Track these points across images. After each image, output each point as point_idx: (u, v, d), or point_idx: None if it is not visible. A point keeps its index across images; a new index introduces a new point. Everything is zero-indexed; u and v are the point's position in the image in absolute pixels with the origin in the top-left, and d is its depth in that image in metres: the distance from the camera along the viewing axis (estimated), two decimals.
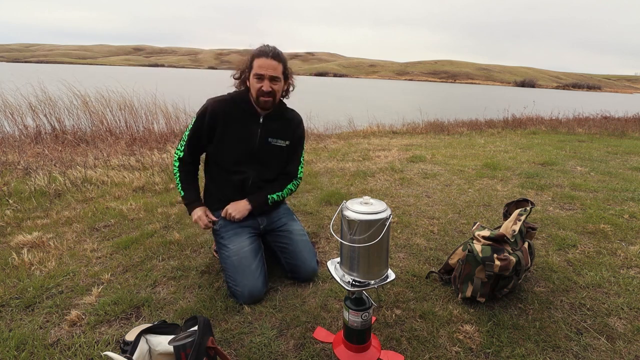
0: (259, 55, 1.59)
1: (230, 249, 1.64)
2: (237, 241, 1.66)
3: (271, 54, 1.58)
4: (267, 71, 1.58)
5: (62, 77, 6.19)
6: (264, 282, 1.63)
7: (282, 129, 1.77)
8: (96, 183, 3.21)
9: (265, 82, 1.59)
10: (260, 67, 1.58)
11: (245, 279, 1.57)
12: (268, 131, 1.72)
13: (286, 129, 1.78)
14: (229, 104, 1.69)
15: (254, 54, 1.60)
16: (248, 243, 1.67)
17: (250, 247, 1.67)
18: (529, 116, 9.33)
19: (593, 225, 2.43)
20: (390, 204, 2.82)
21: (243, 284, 1.56)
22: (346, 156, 4.55)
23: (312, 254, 1.79)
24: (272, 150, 1.75)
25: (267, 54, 1.58)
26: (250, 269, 1.60)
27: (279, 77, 1.63)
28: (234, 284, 1.58)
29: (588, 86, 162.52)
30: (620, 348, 1.35)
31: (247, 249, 1.65)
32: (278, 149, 1.76)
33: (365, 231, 1.10)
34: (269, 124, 1.73)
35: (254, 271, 1.60)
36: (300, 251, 1.75)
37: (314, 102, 13.09)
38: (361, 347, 1.26)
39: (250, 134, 1.70)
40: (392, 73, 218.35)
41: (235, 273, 1.59)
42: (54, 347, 1.32)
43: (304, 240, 1.81)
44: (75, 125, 5.59)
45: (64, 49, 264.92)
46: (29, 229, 2.27)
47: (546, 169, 4.00)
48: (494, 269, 1.50)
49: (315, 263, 1.79)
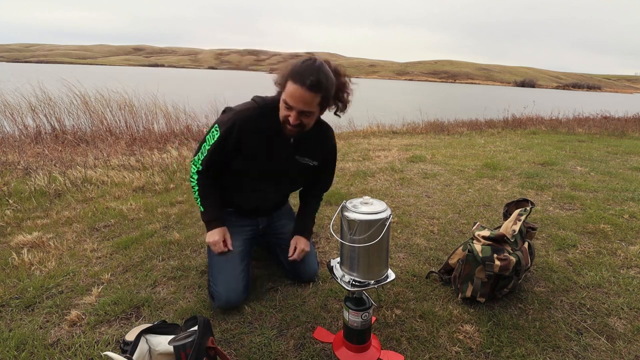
0: (294, 78, 1.30)
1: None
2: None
3: (309, 82, 1.27)
4: (297, 104, 1.32)
5: (62, 77, 6.19)
6: (245, 288, 1.56)
7: (313, 147, 1.60)
8: (96, 183, 3.21)
9: (294, 113, 1.35)
10: (291, 96, 1.32)
11: (226, 280, 1.52)
12: (297, 150, 1.56)
13: (317, 147, 1.61)
14: (258, 120, 1.48)
15: (291, 73, 1.32)
16: (238, 245, 1.62)
17: (239, 249, 1.61)
18: (529, 116, 9.33)
19: (593, 225, 2.43)
20: (390, 204, 2.82)
21: (223, 284, 1.51)
22: (346, 156, 4.55)
23: (312, 255, 1.77)
24: (298, 168, 1.61)
25: (304, 82, 1.28)
26: (234, 271, 1.54)
27: (312, 112, 1.38)
28: (214, 283, 1.53)
29: (588, 86, 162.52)
30: (620, 348, 1.35)
31: (236, 251, 1.60)
32: (306, 167, 1.61)
33: (365, 231, 1.10)
34: (299, 143, 1.55)
35: (237, 275, 1.54)
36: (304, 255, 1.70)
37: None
38: (361, 347, 1.26)
39: (278, 152, 1.54)
40: (392, 73, 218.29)
41: (218, 272, 1.54)
42: (54, 347, 1.32)
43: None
44: (75, 125, 5.60)
45: (64, 49, 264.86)
46: (29, 229, 2.27)
47: (546, 169, 4.00)
48: (494, 269, 1.50)
49: (316, 264, 1.77)
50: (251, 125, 1.47)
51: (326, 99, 1.37)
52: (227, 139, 1.48)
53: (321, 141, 1.62)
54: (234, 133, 1.46)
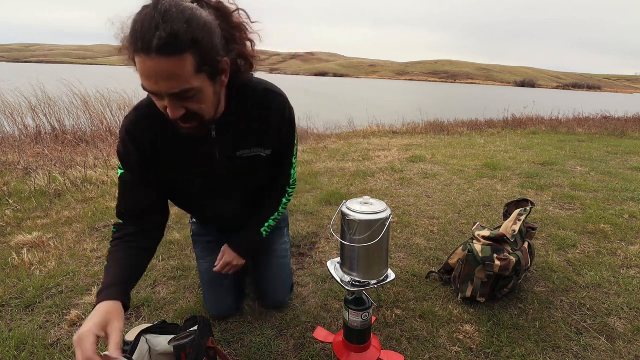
0: (135, 45, 0.79)
1: (202, 265, 1.45)
2: (209, 258, 1.40)
3: (156, 43, 0.76)
4: (158, 85, 0.82)
5: (62, 77, 6.19)
6: (234, 301, 1.48)
7: (254, 129, 1.12)
8: (96, 183, 3.21)
9: (167, 101, 0.86)
10: (143, 75, 0.82)
11: (214, 298, 1.46)
12: (230, 142, 1.11)
13: (261, 128, 1.12)
14: (150, 118, 1.01)
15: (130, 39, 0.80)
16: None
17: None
18: (529, 116, 9.32)
19: (593, 225, 2.43)
20: (390, 204, 2.82)
21: (210, 302, 1.46)
22: (346, 156, 4.55)
23: (285, 283, 1.52)
24: (245, 166, 1.16)
25: (148, 45, 0.76)
26: (221, 288, 1.44)
27: (192, 89, 0.85)
28: (204, 297, 1.50)
29: (588, 86, 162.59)
30: (620, 348, 1.35)
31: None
32: (255, 161, 1.16)
33: (365, 231, 1.10)
34: (229, 132, 1.09)
35: (224, 293, 1.44)
36: (272, 276, 1.49)
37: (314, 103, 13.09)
38: (361, 347, 1.26)
39: (199, 154, 1.09)
40: (392, 73, 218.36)
41: (205, 290, 1.49)
42: (54, 347, 1.32)
43: (282, 264, 1.50)
44: (75, 125, 5.60)
45: (64, 49, 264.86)
46: (29, 229, 2.27)
47: (546, 169, 4.00)
48: (494, 269, 1.50)
49: (286, 293, 1.52)
50: (142, 127, 1.04)
51: (206, 57, 0.84)
52: (127, 160, 1.07)
53: (266, 116, 1.11)
54: (128, 144, 1.05)
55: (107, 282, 0.96)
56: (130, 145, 1.05)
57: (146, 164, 1.07)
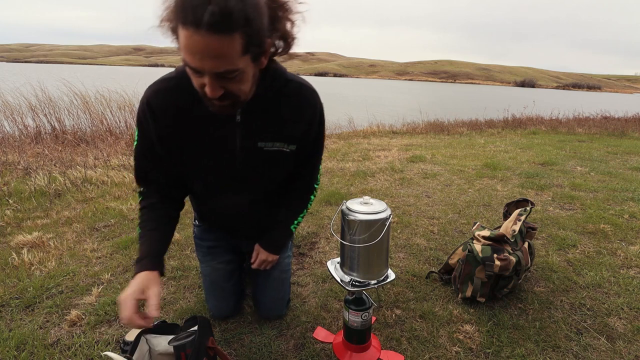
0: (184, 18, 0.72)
1: (205, 269, 1.45)
2: (211, 263, 1.42)
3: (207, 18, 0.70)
4: (203, 63, 0.77)
5: (62, 77, 6.19)
6: (236, 304, 1.49)
7: (282, 121, 1.06)
8: (96, 183, 3.21)
9: (207, 79, 0.81)
10: (188, 50, 0.76)
11: (215, 301, 1.47)
12: (254, 130, 1.05)
13: (289, 120, 1.07)
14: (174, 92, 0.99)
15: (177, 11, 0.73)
16: (224, 264, 1.42)
17: (225, 268, 1.43)
18: (529, 116, 9.32)
19: (593, 225, 2.43)
20: (390, 204, 2.82)
21: (212, 303, 1.47)
22: (346, 156, 4.55)
23: (282, 298, 1.48)
24: (265, 160, 1.10)
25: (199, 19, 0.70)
26: (222, 292, 1.45)
27: (236, 70, 0.81)
28: (206, 299, 1.52)
29: (588, 86, 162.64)
30: (620, 348, 1.35)
31: (221, 272, 1.42)
32: (278, 157, 1.10)
33: (365, 231, 1.10)
34: (255, 119, 1.04)
35: (226, 295, 1.46)
36: (269, 289, 1.44)
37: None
38: (361, 347, 1.26)
39: (218, 139, 1.05)
40: (392, 73, 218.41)
41: (207, 292, 1.49)
42: (54, 347, 1.32)
43: (283, 278, 1.45)
44: (75, 125, 5.59)
45: (64, 49, 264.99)
46: (29, 229, 2.27)
47: (546, 169, 4.00)
48: (494, 269, 1.50)
49: (282, 307, 1.49)
50: (165, 100, 1.00)
51: (254, 37, 0.78)
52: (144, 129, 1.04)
53: (296, 110, 1.07)
54: (147, 114, 1.01)
55: (143, 253, 1.08)
56: (149, 116, 1.02)
57: (162, 137, 1.05)
